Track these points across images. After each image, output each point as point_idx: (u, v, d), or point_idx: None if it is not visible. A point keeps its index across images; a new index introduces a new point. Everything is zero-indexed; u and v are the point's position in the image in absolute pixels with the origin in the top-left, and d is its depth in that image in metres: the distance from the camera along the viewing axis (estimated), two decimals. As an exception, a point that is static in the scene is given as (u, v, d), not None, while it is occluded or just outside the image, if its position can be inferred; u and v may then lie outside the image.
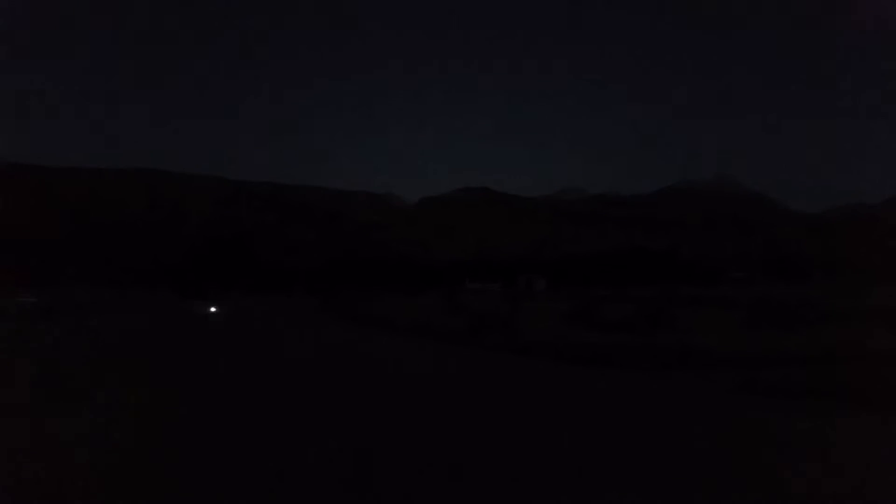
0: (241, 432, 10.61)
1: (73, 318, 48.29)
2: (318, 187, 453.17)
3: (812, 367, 27.94)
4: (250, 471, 8.27)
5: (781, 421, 15.28)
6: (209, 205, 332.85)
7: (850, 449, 11.83)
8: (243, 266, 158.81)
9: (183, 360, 21.86)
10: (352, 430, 10.96)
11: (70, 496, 7.22)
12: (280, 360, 22.91)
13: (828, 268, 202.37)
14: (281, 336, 35.89)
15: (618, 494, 7.77)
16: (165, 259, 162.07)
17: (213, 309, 35.21)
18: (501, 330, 43.70)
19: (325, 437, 10.31)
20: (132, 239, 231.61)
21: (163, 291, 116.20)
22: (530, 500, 7.38)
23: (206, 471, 8.30)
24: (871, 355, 30.94)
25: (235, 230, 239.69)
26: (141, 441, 9.92)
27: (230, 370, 19.18)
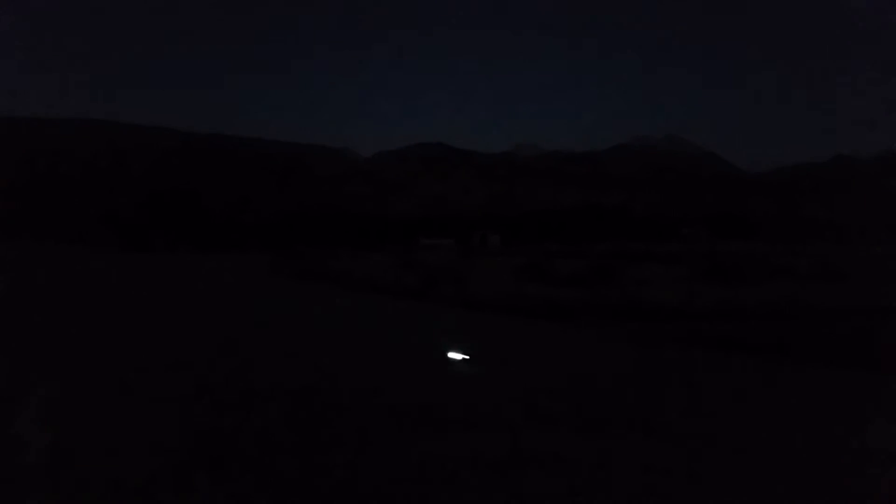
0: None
1: (13, 273, 46.75)
2: (272, 140, 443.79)
3: (757, 322, 28.90)
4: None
5: (726, 372, 15.78)
6: (156, 156, 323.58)
7: (792, 399, 12.27)
8: (192, 220, 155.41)
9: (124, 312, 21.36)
10: (307, 387, 10.87)
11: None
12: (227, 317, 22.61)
13: (774, 225, 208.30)
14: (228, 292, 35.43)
15: (572, 438, 7.90)
16: (110, 212, 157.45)
17: None
18: (455, 285, 43.94)
19: (276, 394, 10.20)
20: (76, 191, 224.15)
21: (106, 245, 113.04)
22: (487, 445, 7.45)
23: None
24: (815, 311, 32.15)
25: (184, 183, 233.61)
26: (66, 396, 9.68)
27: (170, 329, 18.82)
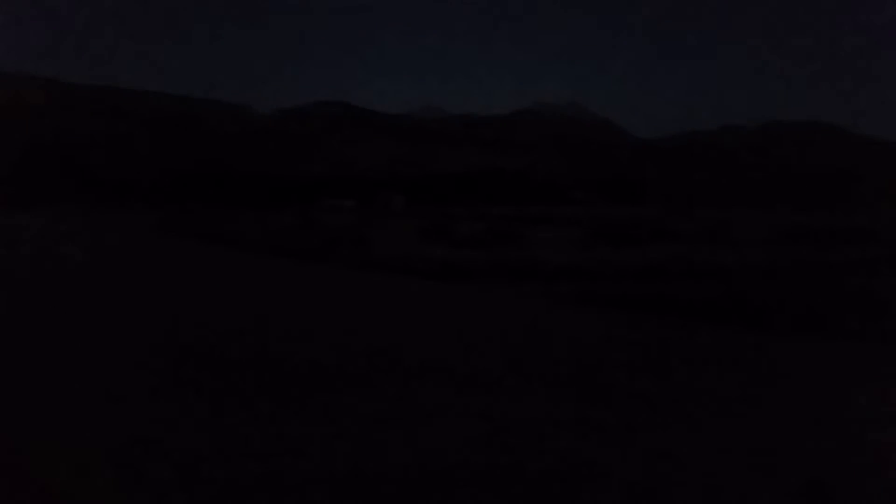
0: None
1: None
2: (165, 93, 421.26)
3: (644, 280, 30.43)
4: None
5: (612, 327, 16.56)
6: (37, 109, 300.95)
7: (670, 350, 13.06)
8: (79, 178, 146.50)
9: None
10: (201, 347, 10.62)
11: None
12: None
13: (663, 190, 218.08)
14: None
15: (466, 392, 8.11)
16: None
17: None
18: (357, 246, 43.73)
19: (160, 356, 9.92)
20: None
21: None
22: (382, 400, 7.55)
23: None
24: (698, 269, 34.20)
25: (68, 138, 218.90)
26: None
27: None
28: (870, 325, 18.75)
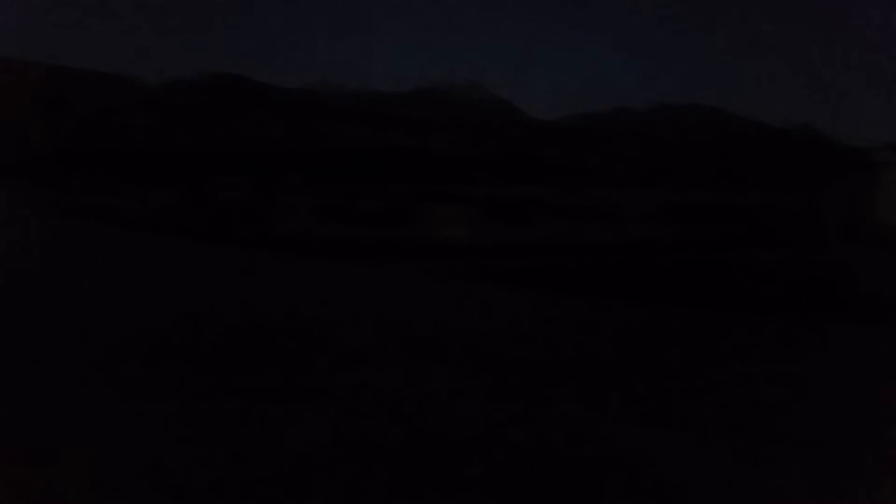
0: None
1: None
2: (39, 63, 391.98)
3: (537, 257, 31.34)
4: None
5: (509, 302, 16.98)
6: None
7: (562, 322, 13.52)
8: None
9: None
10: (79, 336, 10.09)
11: None
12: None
13: (558, 170, 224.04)
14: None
15: (362, 369, 8.11)
16: None
17: None
18: (252, 225, 42.61)
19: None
20: None
21: None
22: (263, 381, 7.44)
23: None
24: (589, 246, 35.58)
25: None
26: None
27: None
28: (751, 295, 20.21)
